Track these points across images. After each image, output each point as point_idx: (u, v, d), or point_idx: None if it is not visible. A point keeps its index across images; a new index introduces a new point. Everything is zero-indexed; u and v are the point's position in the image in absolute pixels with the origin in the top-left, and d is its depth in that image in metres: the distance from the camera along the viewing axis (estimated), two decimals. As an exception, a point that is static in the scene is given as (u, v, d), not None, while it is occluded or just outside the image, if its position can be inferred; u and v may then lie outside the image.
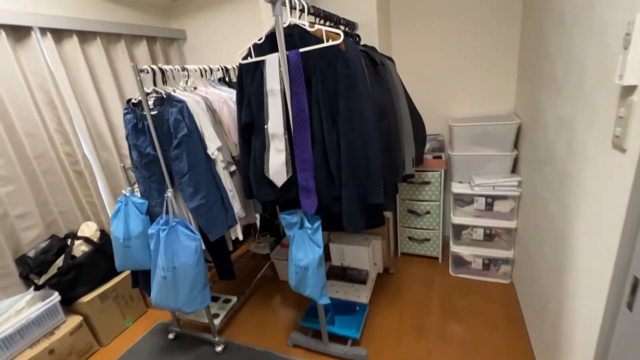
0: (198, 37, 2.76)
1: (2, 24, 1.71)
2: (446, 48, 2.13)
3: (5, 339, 1.59)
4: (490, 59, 2.04)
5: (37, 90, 1.89)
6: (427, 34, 2.15)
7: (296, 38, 1.20)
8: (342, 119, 1.17)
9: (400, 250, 2.45)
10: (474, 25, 2.02)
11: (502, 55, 2.01)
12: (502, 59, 2.01)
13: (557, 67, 1.25)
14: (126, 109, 1.52)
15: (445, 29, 2.09)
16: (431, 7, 2.08)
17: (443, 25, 2.09)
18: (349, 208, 1.22)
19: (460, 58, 2.12)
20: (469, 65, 2.11)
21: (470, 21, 2.02)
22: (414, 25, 2.16)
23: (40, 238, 1.91)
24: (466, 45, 2.07)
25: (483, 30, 2.01)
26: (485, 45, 2.03)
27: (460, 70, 2.14)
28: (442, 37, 2.11)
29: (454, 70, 2.15)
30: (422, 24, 2.14)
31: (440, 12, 2.07)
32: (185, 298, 1.52)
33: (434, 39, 2.14)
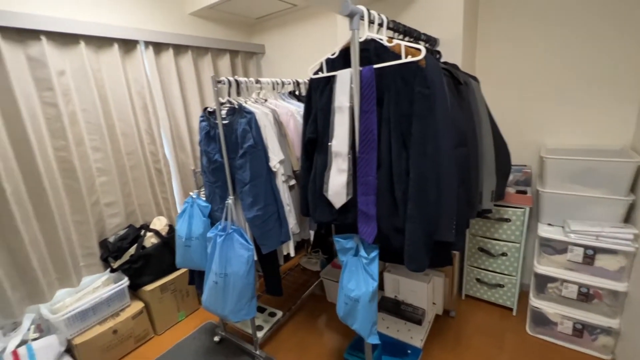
0: (275, 51, 2.89)
1: (116, 38, 1.98)
2: (545, 65, 1.84)
3: (82, 312, 1.78)
4: (604, 80, 1.70)
5: (136, 95, 2.14)
6: (521, 48, 1.88)
7: (372, 53, 1.12)
8: (414, 142, 1.04)
9: (464, 292, 2.15)
10: (585, 38, 1.70)
11: (621, 76, 1.65)
12: (621, 81, 1.66)
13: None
14: (202, 117, 1.61)
15: (545, 42, 1.81)
16: (531, 16, 1.82)
17: (543, 37, 1.81)
18: (412, 244, 1.08)
19: (562, 77, 1.80)
20: (574, 86, 1.78)
21: (581, 33, 1.71)
22: (505, 39, 1.92)
23: (120, 226, 2.13)
24: (572, 61, 1.76)
25: (597, 45, 1.68)
26: (598, 63, 1.70)
27: (561, 92, 1.82)
28: (541, 52, 1.83)
29: (553, 91, 1.84)
30: (516, 37, 1.89)
31: (541, 23, 1.80)
32: (232, 307, 1.52)
33: (531, 54, 1.86)
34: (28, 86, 1.68)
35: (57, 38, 1.77)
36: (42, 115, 1.74)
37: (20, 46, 1.65)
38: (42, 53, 1.70)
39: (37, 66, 1.70)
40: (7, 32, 1.59)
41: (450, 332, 1.90)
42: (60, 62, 1.78)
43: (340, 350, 1.83)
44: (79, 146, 1.89)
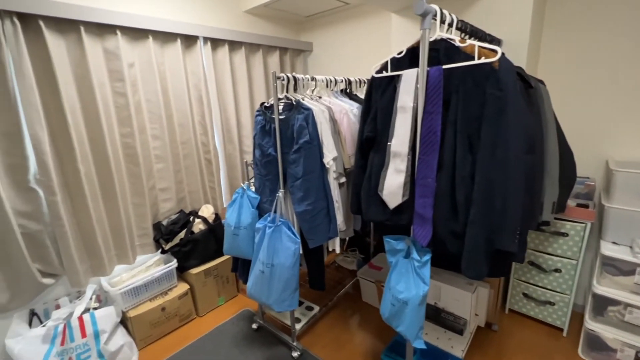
0: (322, 49, 2.91)
1: (179, 33, 2.10)
2: (616, 73, 1.70)
3: (136, 288, 1.92)
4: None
5: (193, 88, 2.26)
6: (590, 54, 1.76)
7: (441, 54, 1.10)
8: (482, 146, 1.01)
9: (508, 306, 2.06)
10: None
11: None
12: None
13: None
14: (258, 111, 1.66)
15: (617, 49, 1.67)
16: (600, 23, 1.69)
17: (614, 45, 1.68)
18: (472, 250, 1.05)
19: (635, 86, 1.66)
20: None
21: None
22: (572, 44, 1.80)
23: (172, 211, 2.26)
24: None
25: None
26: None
27: (633, 101, 1.68)
28: (612, 59, 1.70)
29: (624, 100, 1.70)
30: (584, 43, 1.76)
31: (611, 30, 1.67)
32: (277, 297, 1.56)
33: (600, 61, 1.73)
34: (103, 76, 1.83)
35: (130, 33, 1.90)
36: (113, 103, 1.89)
37: (98, 39, 1.79)
38: (116, 46, 1.84)
39: (111, 58, 1.84)
40: (89, 27, 1.74)
41: (492, 346, 1.83)
42: (130, 55, 1.92)
43: (374, 351, 1.83)
44: (141, 134, 2.02)
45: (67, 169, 1.74)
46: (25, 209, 1.63)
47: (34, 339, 1.60)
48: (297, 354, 1.79)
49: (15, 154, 1.57)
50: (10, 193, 1.58)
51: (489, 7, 1.66)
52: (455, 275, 1.85)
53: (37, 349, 1.59)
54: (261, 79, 2.66)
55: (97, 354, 1.67)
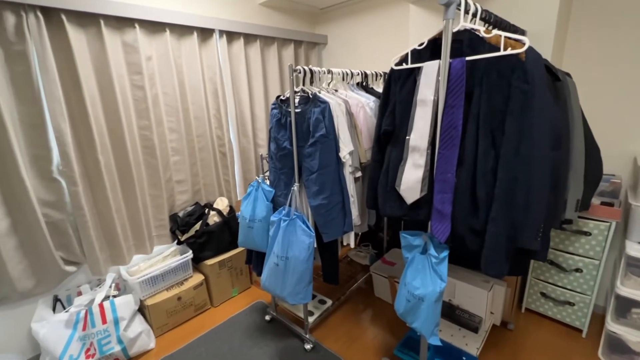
0: (337, 41, 2.88)
1: (196, 26, 2.11)
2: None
3: (153, 278, 1.96)
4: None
5: (208, 81, 2.27)
6: (620, 48, 1.68)
7: (464, 45, 1.07)
8: (506, 141, 0.98)
9: (525, 305, 2.02)
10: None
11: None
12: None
13: None
14: (274, 105, 1.66)
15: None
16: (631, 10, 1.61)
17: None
18: (493, 248, 1.03)
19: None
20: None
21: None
22: (601, 36, 1.72)
23: (188, 203, 2.30)
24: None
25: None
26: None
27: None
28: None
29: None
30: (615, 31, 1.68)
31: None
32: (291, 290, 1.57)
33: (629, 52, 1.65)
34: (122, 69, 1.85)
35: (148, 26, 1.92)
36: (131, 96, 1.92)
37: (118, 33, 1.81)
38: (135, 39, 1.86)
39: (130, 51, 1.87)
40: (108, 20, 1.76)
41: (507, 345, 1.80)
42: (148, 48, 1.94)
43: (387, 346, 1.82)
44: (158, 126, 2.05)
45: (87, 160, 1.78)
46: (49, 198, 1.68)
47: (57, 324, 1.66)
48: (309, 347, 1.80)
49: (40, 145, 1.62)
50: (35, 183, 1.63)
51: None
52: (470, 273, 1.82)
53: (61, 334, 1.65)
54: (275, 72, 2.66)
55: (117, 340, 1.73)
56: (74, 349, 1.65)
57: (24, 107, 1.56)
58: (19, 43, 1.50)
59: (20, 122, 1.56)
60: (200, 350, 1.85)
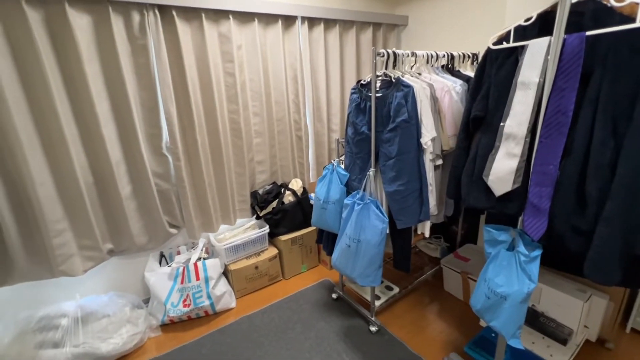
0: (419, 23, 2.72)
1: (280, 15, 2.21)
2: None
3: (236, 246, 2.20)
4: None
5: (289, 67, 2.38)
6: None
7: (587, 18, 0.93)
8: (635, 131, 0.84)
9: (631, 324, 1.73)
10: None
11: None
12: None
13: None
14: (354, 89, 1.67)
15: None
16: None
17: None
18: (603, 251, 0.90)
19: None
20: None
21: None
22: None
23: (266, 182, 2.49)
24: None
25: None
26: None
27: None
28: None
29: None
30: None
31: None
32: (361, 272, 1.62)
33: None
34: (217, 58, 2.05)
35: (239, 17, 2.08)
36: (224, 82, 2.12)
37: (214, 25, 2.00)
38: (228, 30, 2.03)
39: (224, 41, 2.05)
40: (208, 13, 1.95)
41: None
42: (239, 37, 2.10)
43: (456, 342, 1.76)
44: (244, 110, 2.24)
45: (188, 139, 2.04)
46: (159, 170, 1.99)
47: (162, 275, 1.99)
48: (375, 329, 1.84)
49: (154, 125, 1.92)
50: (149, 157, 1.94)
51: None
52: (561, 277, 1.63)
53: (165, 284, 1.98)
54: (352, 56, 2.64)
55: (207, 295, 2.00)
56: (175, 297, 1.97)
57: (144, 93, 1.85)
58: (142, 38, 1.77)
59: (141, 106, 1.86)
60: (273, 316, 2.04)
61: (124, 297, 1.91)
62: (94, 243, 1.82)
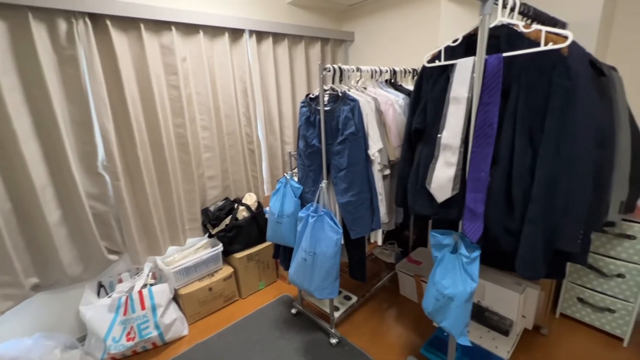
0: (364, 38, 2.86)
1: (227, 27, 2.18)
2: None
3: (187, 268, 2.07)
4: None
5: (238, 80, 2.34)
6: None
7: (502, 41, 1.04)
8: (546, 140, 0.95)
9: (560, 310, 1.94)
10: None
11: None
12: None
13: None
14: (303, 103, 1.69)
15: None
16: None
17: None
18: (529, 249, 1.00)
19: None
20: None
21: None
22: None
23: (218, 198, 2.39)
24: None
25: None
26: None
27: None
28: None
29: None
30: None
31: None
32: (318, 285, 1.61)
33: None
34: (159, 70, 1.95)
35: (183, 28, 2.01)
36: (167, 96, 2.01)
37: (155, 36, 1.91)
38: (171, 41, 1.95)
39: (166, 53, 1.96)
40: (148, 24, 1.85)
41: (540, 350, 1.74)
42: (183, 49, 2.03)
43: (413, 345, 1.82)
44: (192, 124, 2.14)
45: (128, 156, 1.89)
46: (94, 191, 1.81)
47: (102, 308, 1.79)
48: (335, 341, 1.83)
49: (87, 142, 1.75)
50: (82, 177, 1.76)
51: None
52: (500, 274, 1.77)
53: (105, 317, 1.78)
54: (302, 70, 2.68)
55: (154, 325, 1.84)
56: (116, 331, 1.77)
57: (73, 107, 1.68)
58: (70, 48, 1.61)
59: (70, 121, 1.69)
60: (230, 338, 1.94)
61: (53, 338, 1.68)
62: (14, 279, 1.58)
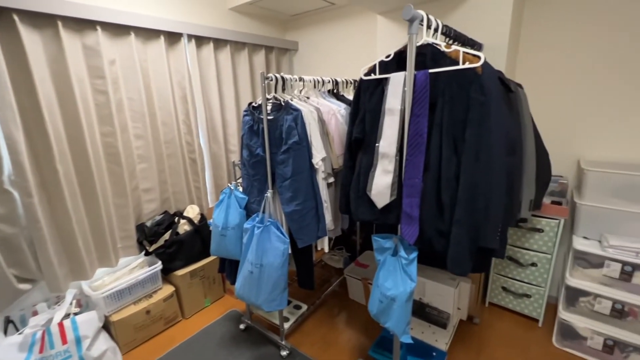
0: (308, 48, 2.92)
1: (163, 30, 2.05)
2: (587, 75, 1.81)
3: (119, 292, 1.87)
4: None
5: (176, 86, 2.21)
6: (563, 57, 1.85)
7: (427, 58, 1.14)
8: (467, 149, 1.06)
9: (489, 299, 2.15)
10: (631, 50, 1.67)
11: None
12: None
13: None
14: (246, 111, 1.66)
15: (591, 52, 1.78)
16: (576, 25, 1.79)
17: (589, 47, 1.78)
18: (457, 248, 1.10)
19: (605, 89, 1.77)
20: (616, 98, 1.75)
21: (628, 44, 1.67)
22: (547, 47, 1.89)
23: (156, 212, 2.21)
24: (616, 73, 1.73)
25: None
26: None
27: (602, 104, 1.79)
28: (585, 61, 1.80)
29: (594, 103, 1.81)
30: (558, 45, 1.86)
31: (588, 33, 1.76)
32: (266, 297, 1.57)
33: (573, 63, 1.83)
34: (82, 73, 1.76)
35: (111, 29, 1.84)
36: (93, 101, 1.82)
37: (77, 35, 1.73)
38: (96, 42, 1.77)
39: (91, 55, 1.78)
40: (67, 22, 1.67)
41: (474, 338, 1.90)
42: (111, 51, 1.86)
43: (362, 347, 1.86)
44: (123, 133, 1.97)
45: (44, 169, 1.66)
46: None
47: (9, 347, 1.53)
48: (285, 353, 1.80)
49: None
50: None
51: (471, 13, 1.72)
52: (438, 272, 1.91)
53: (14, 358, 1.53)
54: (247, 77, 2.64)
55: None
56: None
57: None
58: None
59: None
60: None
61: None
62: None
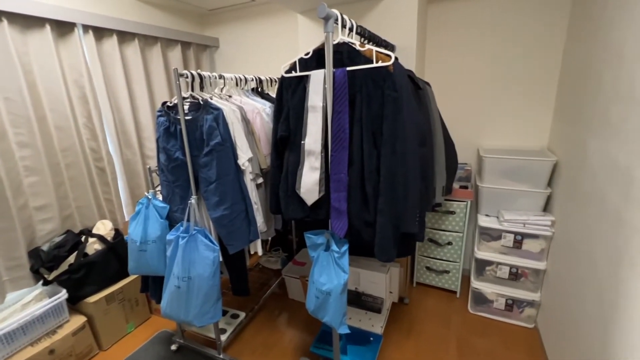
0: (230, 45, 2.80)
1: (48, 18, 1.74)
2: (480, 75, 2.10)
3: (8, 334, 1.54)
4: (525, 91, 2.00)
5: (72, 85, 1.91)
6: (461, 59, 2.12)
7: (344, 56, 1.18)
8: (384, 142, 1.13)
9: (416, 280, 2.35)
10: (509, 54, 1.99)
11: (539, 88, 1.96)
12: (539, 92, 1.97)
13: (613, 108, 1.20)
14: (160, 112, 1.50)
15: (480, 55, 2.07)
16: (467, 32, 2.06)
17: (478, 51, 2.07)
18: (383, 236, 1.16)
19: (493, 87, 2.08)
20: (502, 95, 2.07)
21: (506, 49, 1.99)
22: (447, 49, 2.14)
23: (55, 232, 1.88)
24: (500, 74, 2.04)
25: (519, 60, 1.97)
26: (520, 76, 1.99)
27: (492, 100, 2.10)
28: (476, 63, 2.09)
29: (487, 98, 2.12)
30: (455, 48, 2.12)
31: (476, 39, 2.05)
32: (197, 311, 1.45)
33: (468, 65, 2.11)
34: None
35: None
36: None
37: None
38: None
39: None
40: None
41: (405, 317, 2.06)
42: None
43: (305, 345, 1.87)
44: (1, 141, 1.62)
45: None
46: None
47: None
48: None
49: None
50: None
51: (383, 16, 1.84)
52: (370, 260, 2.02)
53: None
54: (162, 75, 2.41)
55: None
56: None
57: None
58: None
59: None
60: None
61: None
62: None
